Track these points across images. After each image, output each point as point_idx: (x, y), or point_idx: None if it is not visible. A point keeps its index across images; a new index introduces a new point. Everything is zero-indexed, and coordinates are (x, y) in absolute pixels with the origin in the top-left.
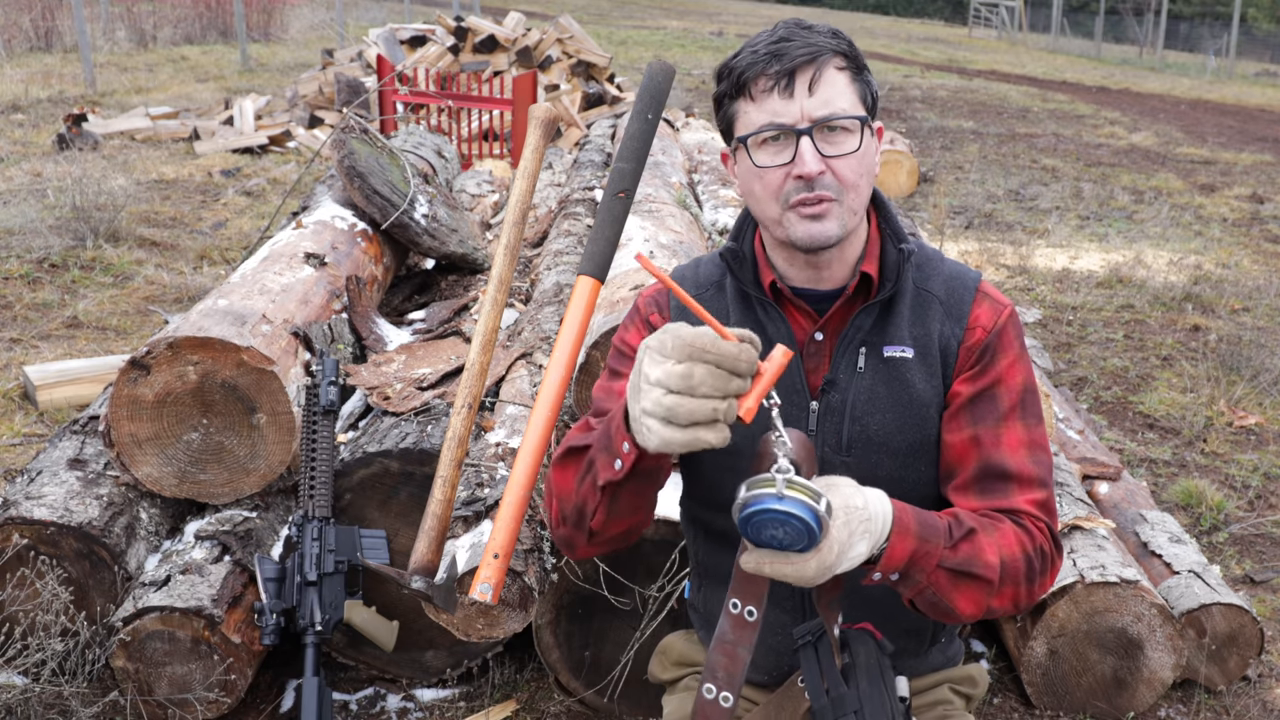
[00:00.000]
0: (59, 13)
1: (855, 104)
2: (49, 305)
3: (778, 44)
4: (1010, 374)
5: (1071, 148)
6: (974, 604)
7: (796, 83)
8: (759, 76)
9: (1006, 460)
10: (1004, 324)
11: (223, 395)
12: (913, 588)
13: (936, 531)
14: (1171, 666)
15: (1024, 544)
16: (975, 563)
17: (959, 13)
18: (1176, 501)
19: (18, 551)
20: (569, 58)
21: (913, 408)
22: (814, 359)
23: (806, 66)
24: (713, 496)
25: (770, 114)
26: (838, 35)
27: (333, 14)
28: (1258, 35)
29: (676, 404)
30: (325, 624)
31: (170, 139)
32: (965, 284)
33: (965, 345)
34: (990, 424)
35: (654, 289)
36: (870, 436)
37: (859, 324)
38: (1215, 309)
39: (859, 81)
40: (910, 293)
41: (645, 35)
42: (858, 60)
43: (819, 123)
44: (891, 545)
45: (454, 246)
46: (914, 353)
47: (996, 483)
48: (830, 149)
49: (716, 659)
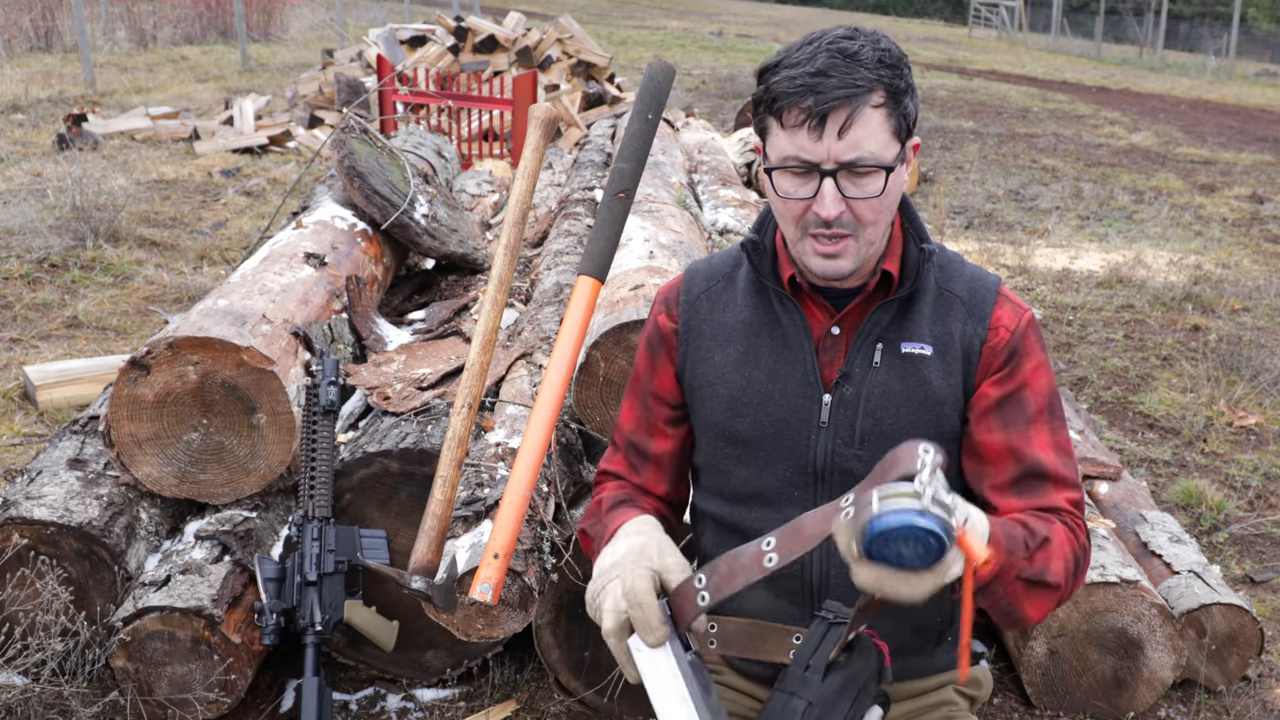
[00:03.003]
0: (59, 13)
1: (887, 142)
2: (49, 305)
3: (816, 77)
4: (1036, 378)
5: (1071, 148)
6: (1042, 610)
7: (828, 124)
8: (792, 108)
9: (1042, 461)
10: (1025, 328)
11: (223, 395)
12: (990, 598)
13: (1017, 543)
14: (1171, 666)
15: (1072, 543)
16: (1048, 571)
17: (959, 13)
18: (1176, 501)
19: (18, 551)
20: (569, 58)
21: (928, 404)
22: (829, 353)
23: (840, 109)
24: (722, 486)
25: (798, 148)
26: (883, 61)
27: (333, 14)
28: (1258, 35)
29: (614, 629)
30: (325, 624)
31: (170, 139)
32: (987, 286)
33: (988, 345)
34: (1020, 427)
35: (669, 285)
36: (884, 431)
37: (877, 320)
38: (1215, 309)
39: (896, 114)
40: (932, 292)
41: (645, 35)
42: (900, 87)
43: (845, 166)
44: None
45: (454, 246)
46: (933, 350)
47: (1034, 482)
48: (853, 189)
49: (721, 565)
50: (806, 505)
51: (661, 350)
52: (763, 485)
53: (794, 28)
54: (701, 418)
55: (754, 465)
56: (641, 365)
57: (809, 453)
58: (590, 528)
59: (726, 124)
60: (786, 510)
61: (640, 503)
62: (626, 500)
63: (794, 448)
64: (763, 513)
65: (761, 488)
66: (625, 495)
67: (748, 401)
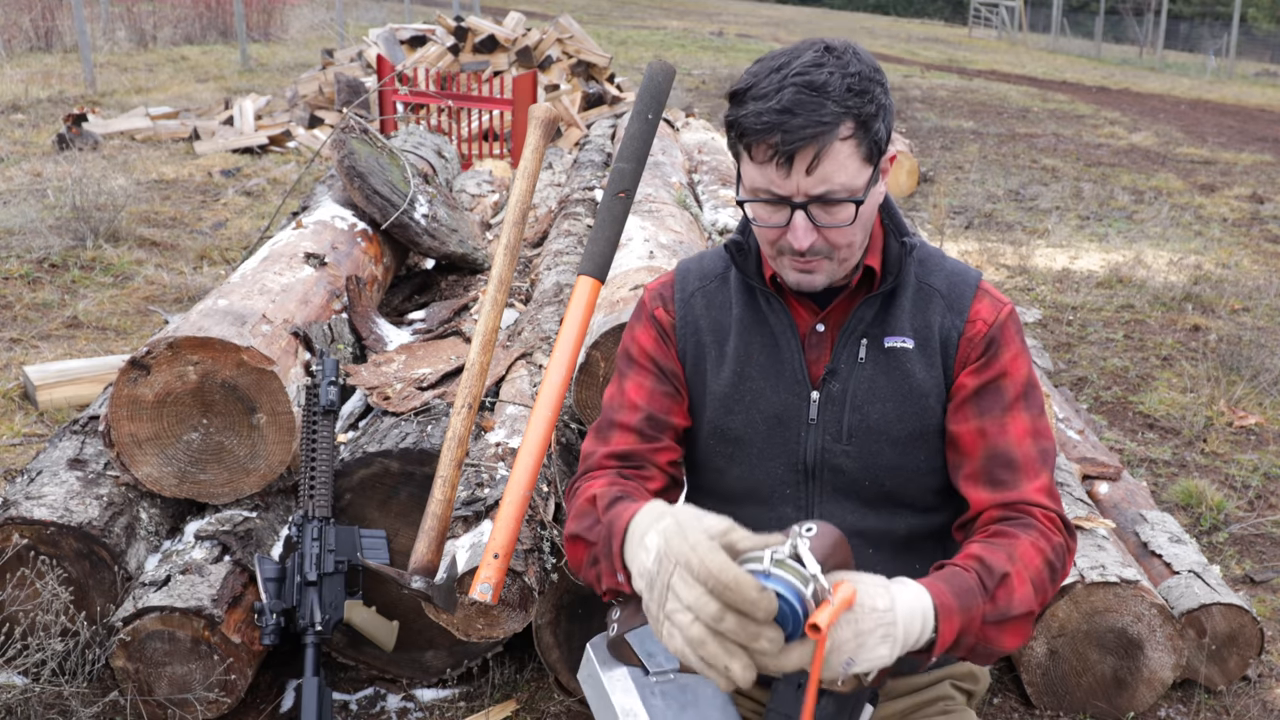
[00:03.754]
0: (59, 13)
1: (857, 171)
2: (49, 305)
3: (782, 115)
4: (1014, 366)
5: (1071, 148)
6: (1020, 637)
7: (795, 161)
8: (759, 144)
9: (1013, 449)
10: (1004, 319)
11: (223, 395)
12: (963, 649)
13: (973, 594)
14: (1171, 666)
15: (1042, 550)
16: (1012, 605)
17: (959, 13)
18: (1176, 501)
19: (18, 551)
20: (569, 58)
21: (913, 397)
22: (815, 350)
23: (808, 148)
24: (714, 485)
25: (768, 181)
26: (852, 89)
27: (333, 14)
28: (1258, 35)
29: (703, 639)
30: (325, 624)
31: (170, 139)
32: (967, 280)
33: (965, 336)
34: (996, 414)
35: (659, 282)
36: (871, 425)
37: (861, 315)
38: (1215, 309)
39: (866, 141)
40: (912, 286)
41: (645, 35)
42: (869, 113)
43: (815, 199)
44: (941, 633)
45: (454, 246)
46: (914, 343)
47: (1004, 472)
48: (825, 218)
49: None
50: (798, 502)
51: (666, 340)
52: (755, 483)
53: (794, 28)
54: (695, 415)
55: (746, 463)
56: (650, 346)
57: (800, 450)
58: (586, 531)
59: None
60: (779, 508)
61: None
62: (624, 496)
63: (785, 445)
64: (756, 510)
65: (754, 485)
66: (621, 491)
67: (740, 399)
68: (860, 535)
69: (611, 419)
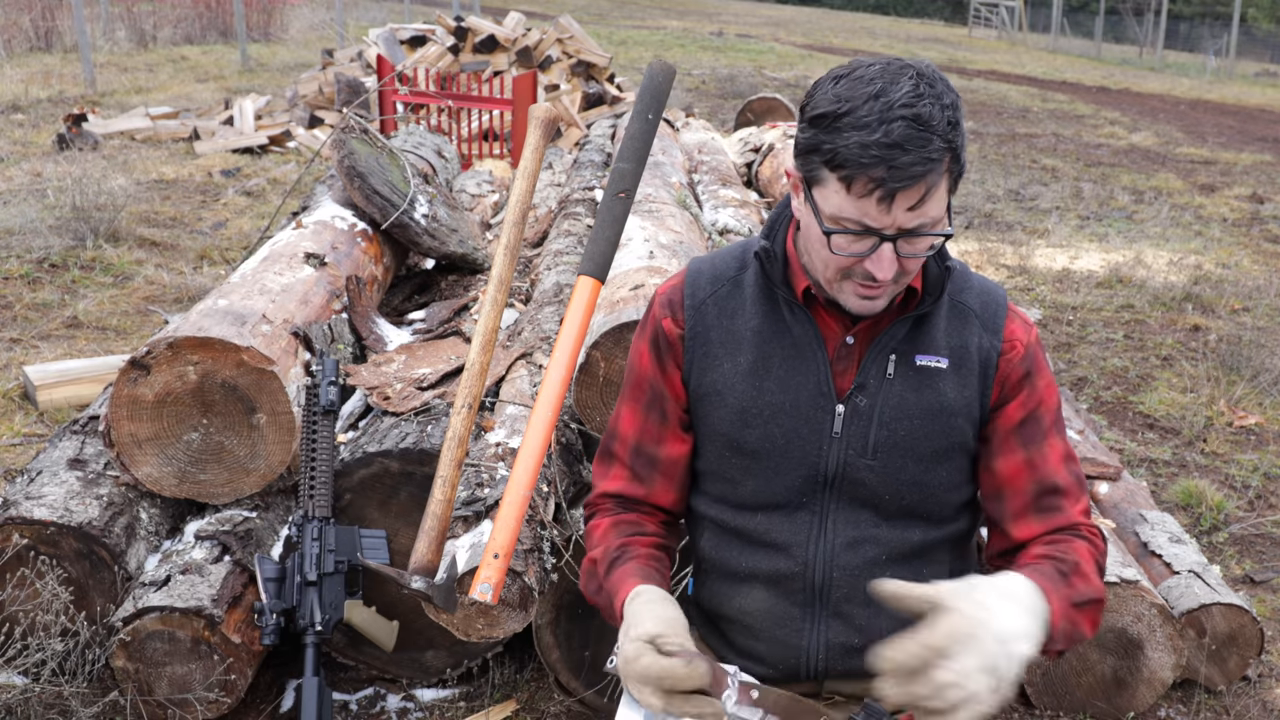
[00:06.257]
0: (59, 13)
1: (946, 201)
2: (49, 305)
3: (891, 150)
4: (1048, 393)
5: (1071, 148)
6: (1096, 623)
7: (898, 199)
8: (861, 177)
9: (1056, 476)
10: (1034, 342)
11: (223, 395)
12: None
13: (1057, 580)
14: (1171, 666)
15: (1093, 553)
16: (1089, 588)
17: (959, 13)
18: (1176, 501)
19: (18, 551)
20: (569, 58)
21: (941, 415)
22: (843, 363)
23: (916, 186)
24: (726, 494)
25: (861, 214)
26: (950, 122)
27: (333, 14)
28: (1258, 35)
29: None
30: (325, 624)
31: (170, 139)
32: (998, 300)
33: (1005, 358)
34: (1038, 444)
35: (670, 285)
36: (897, 442)
37: (894, 333)
38: (1215, 309)
39: (956, 171)
40: (945, 304)
41: (645, 35)
42: (960, 145)
43: (907, 233)
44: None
45: (454, 246)
46: (949, 363)
47: (1051, 499)
48: (909, 249)
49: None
50: (815, 511)
51: (668, 355)
52: (771, 495)
53: (794, 28)
54: (708, 426)
55: (762, 476)
56: (647, 368)
57: (820, 463)
58: (594, 594)
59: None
60: (795, 515)
61: (637, 549)
62: (620, 554)
63: (804, 458)
64: (769, 519)
65: (770, 497)
66: (620, 544)
67: (758, 413)
68: (873, 543)
69: (609, 446)
